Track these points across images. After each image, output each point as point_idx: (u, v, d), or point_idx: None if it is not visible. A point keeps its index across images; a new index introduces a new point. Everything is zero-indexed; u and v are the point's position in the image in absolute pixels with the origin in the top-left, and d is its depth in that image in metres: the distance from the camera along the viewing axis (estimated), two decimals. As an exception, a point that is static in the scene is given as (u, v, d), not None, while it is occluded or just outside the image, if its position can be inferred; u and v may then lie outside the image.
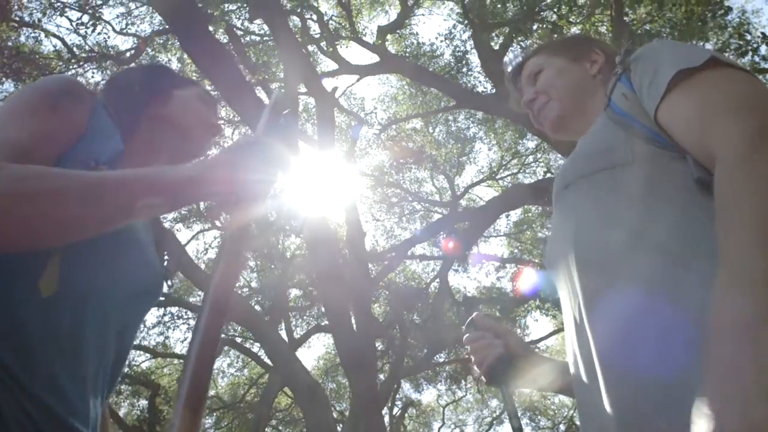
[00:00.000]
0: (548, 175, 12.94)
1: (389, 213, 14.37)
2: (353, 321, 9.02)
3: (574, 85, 1.21)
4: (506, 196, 10.05)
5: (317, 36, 10.48)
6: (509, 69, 1.39)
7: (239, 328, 13.38)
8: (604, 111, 1.06)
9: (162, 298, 11.02)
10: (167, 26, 7.82)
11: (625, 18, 5.33)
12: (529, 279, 12.09)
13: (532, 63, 1.29)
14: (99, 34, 8.42)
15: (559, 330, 13.76)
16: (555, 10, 6.33)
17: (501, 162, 14.71)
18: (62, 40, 8.49)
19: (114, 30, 9.03)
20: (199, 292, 12.45)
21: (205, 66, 5.41)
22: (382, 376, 13.41)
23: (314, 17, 10.36)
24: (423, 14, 12.14)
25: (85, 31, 8.31)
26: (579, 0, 5.84)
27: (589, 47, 1.26)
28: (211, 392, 17.38)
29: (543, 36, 7.27)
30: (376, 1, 11.75)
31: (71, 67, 9.01)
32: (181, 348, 13.53)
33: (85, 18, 8.22)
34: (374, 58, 10.83)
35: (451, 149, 13.78)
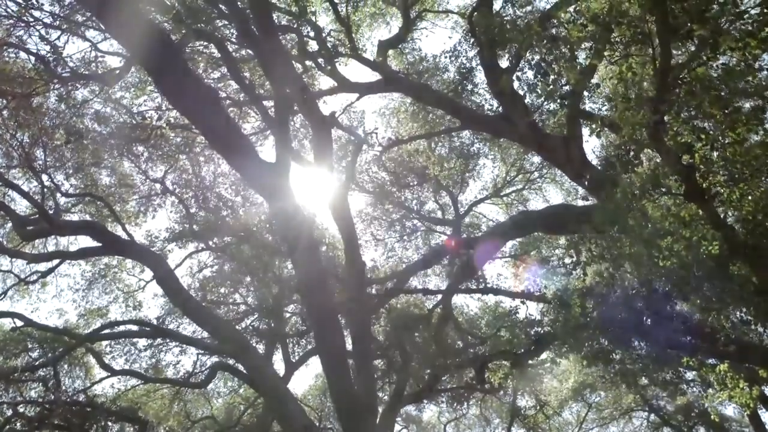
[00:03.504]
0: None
1: (390, 231, 13.90)
2: (350, 337, 8.59)
3: None
4: (514, 223, 9.50)
5: (313, 52, 9.98)
6: None
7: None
8: None
9: (148, 329, 10.49)
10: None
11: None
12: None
13: None
14: (61, 67, 7.93)
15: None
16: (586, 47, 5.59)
17: (506, 178, 14.25)
18: (42, 58, 7.99)
19: (97, 50, 8.55)
20: (188, 321, 11.93)
21: (181, 106, 4.95)
22: (381, 393, 12.94)
23: (312, 33, 9.87)
24: (426, 27, 11.63)
25: (52, 62, 7.81)
26: (613, 37, 5.17)
27: None
28: (206, 411, 16.91)
29: (556, 56, 6.72)
30: (377, 14, 11.24)
31: (54, 86, 8.53)
32: (172, 372, 12.86)
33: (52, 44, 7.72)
34: (375, 75, 10.35)
35: (454, 166, 13.28)
